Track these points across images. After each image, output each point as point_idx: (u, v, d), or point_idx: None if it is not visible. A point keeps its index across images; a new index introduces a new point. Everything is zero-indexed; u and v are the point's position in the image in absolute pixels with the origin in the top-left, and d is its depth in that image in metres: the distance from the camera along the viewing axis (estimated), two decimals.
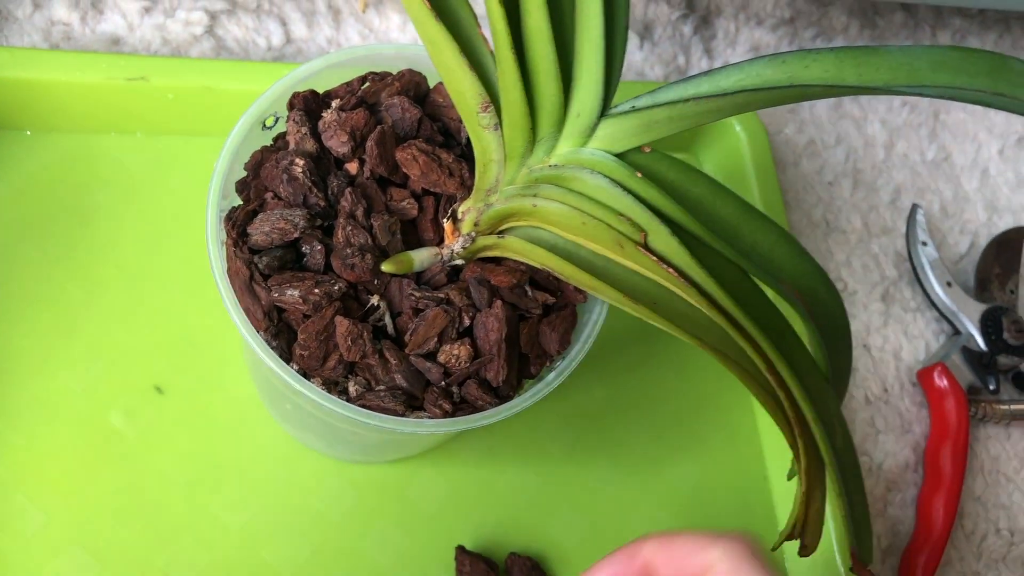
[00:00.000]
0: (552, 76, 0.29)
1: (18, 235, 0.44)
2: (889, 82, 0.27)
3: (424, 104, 0.36)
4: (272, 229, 0.32)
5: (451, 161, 0.34)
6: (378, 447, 0.42)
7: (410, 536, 0.44)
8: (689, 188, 0.31)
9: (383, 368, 0.32)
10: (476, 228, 0.33)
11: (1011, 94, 0.27)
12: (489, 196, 0.32)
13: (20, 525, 0.40)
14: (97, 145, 0.47)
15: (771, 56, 0.28)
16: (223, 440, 0.43)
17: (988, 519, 0.54)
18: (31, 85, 0.45)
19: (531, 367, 0.35)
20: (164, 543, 0.41)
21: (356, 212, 0.33)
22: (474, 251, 0.34)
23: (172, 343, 0.44)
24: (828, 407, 0.31)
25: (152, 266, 0.45)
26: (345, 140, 0.34)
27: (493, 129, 0.31)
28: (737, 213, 0.31)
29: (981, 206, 0.64)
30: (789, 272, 0.31)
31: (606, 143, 0.30)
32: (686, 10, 0.62)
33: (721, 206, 0.31)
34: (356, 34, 0.54)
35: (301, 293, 0.31)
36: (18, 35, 0.48)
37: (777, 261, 0.31)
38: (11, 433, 0.41)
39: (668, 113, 0.28)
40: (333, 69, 0.37)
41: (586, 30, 0.29)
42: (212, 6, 0.51)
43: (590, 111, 0.30)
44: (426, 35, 0.30)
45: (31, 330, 0.43)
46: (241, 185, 0.35)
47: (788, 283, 0.31)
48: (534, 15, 0.28)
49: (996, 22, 0.70)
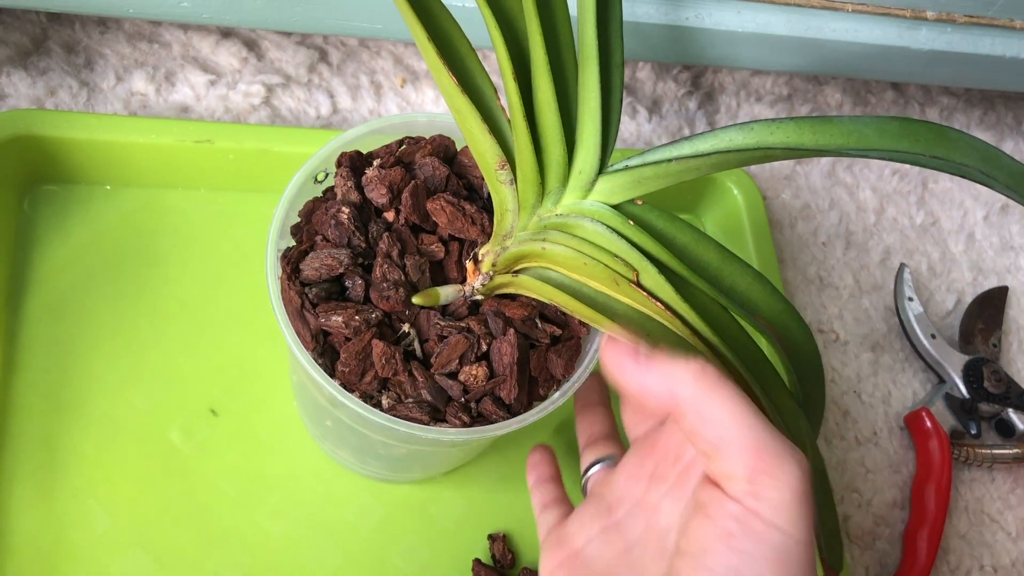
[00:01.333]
0: (558, 140, 0.34)
1: (97, 274, 0.50)
2: (841, 145, 0.31)
3: (452, 164, 0.42)
4: (321, 265, 0.37)
5: (474, 211, 0.40)
6: (405, 462, 0.47)
7: (432, 548, 0.49)
8: (676, 235, 0.35)
9: (412, 384, 0.37)
10: (494, 268, 0.37)
11: (946, 157, 0.31)
12: (505, 241, 0.37)
13: (89, 526, 0.45)
14: (166, 199, 0.53)
15: (741, 124, 0.33)
16: (268, 458, 0.49)
17: (973, 556, 0.58)
18: (112, 146, 0.51)
19: (540, 389, 0.40)
20: (214, 547, 0.46)
21: (392, 252, 0.38)
22: (492, 288, 0.38)
23: (226, 371, 0.50)
24: (799, 426, 0.35)
25: (210, 304, 0.51)
26: (384, 192, 0.39)
27: (509, 184, 0.35)
28: (718, 258, 0.35)
29: (967, 267, 0.68)
30: (764, 309, 0.35)
31: (604, 196, 0.34)
32: (691, 87, 0.68)
33: (703, 251, 0.35)
34: (395, 106, 0.61)
35: (344, 319, 0.36)
36: (103, 104, 0.56)
37: (753, 299, 0.35)
38: (84, 445, 0.46)
39: (655, 171, 0.32)
40: (375, 134, 0.43)
41: (586, 102, 0.34)
42: (269, 80, 0.58)
43: (590, 169, 0.34)
44: (454, 105, 0.34)
45: (104, 356, 0.49)
46: (295, 229, 0.40)
47: (762, 318, 0.35)
48: (543, 90, 0.33)
49: (981, 100, 0.75)
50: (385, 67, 0.62)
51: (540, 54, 0.32)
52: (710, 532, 0.29)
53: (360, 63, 0.61)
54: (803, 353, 0.36)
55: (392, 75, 0.62)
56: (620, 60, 0.35)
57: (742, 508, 0.28)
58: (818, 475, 0.35)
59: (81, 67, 0.56)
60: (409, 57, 0.62)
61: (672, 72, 0.68)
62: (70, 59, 0.56)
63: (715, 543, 0.28)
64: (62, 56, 0.56)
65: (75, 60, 0.57)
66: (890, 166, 0.70)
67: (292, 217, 0.41)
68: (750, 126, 0.33)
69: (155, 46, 0.58)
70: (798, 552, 0.28)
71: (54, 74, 0.55)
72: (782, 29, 0.55)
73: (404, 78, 0.62)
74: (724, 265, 0.35)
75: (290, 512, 0.48)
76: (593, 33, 0.32)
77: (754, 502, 0.28)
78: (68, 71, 0.56)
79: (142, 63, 0.58)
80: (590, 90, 0.33)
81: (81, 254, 0.51)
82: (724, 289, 0.35)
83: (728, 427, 0.29)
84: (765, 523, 0.28)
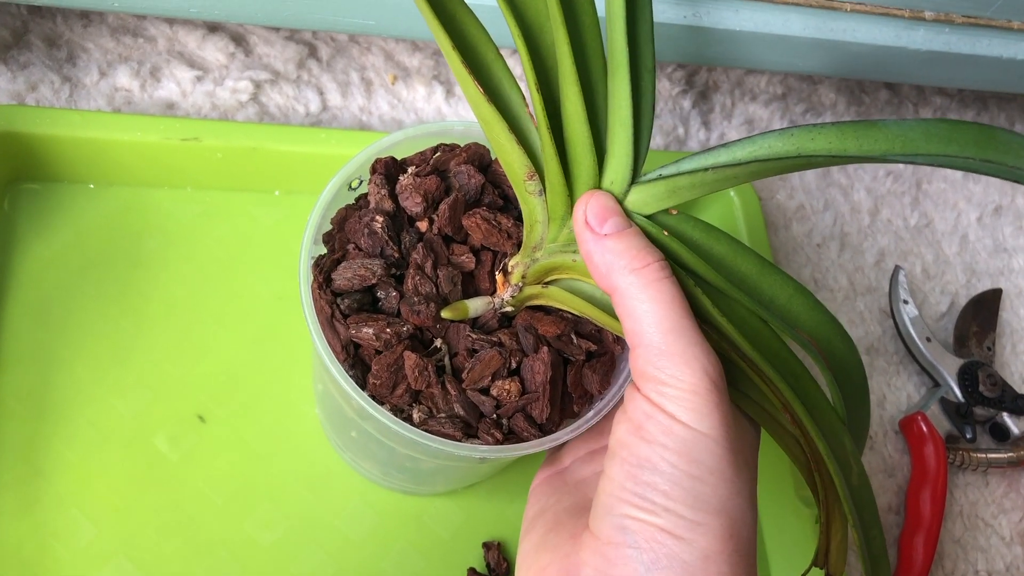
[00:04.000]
0: (587, 150, 0.32)
1: (80, 276, 0.49)
2: (887, 151, 0.29)
3: (487, 172, 0.40)
4: (354, 276, 0.36)
5: (510, 226, 0.38)
6: (431, 475, 0.46)
7: (424, 557, 0.48)
8: (712, 245, 0.34)
9: (444, 398, 0.36)
10: (523, 280, 0.36)
11: (997, 160, 0.29)
12: (535, 252, 0.35)
13: (73, 536, 0.44)
14: (152, 198, 0.52)
15: (781, 131, 0.31)
16: (256, 465, 0.47)
17: (967, 560, 0.58)
18: (95, 144, 0.49)
19: (574, 405, 0.38)
20: (201, 557, 0.45)
21: (425, 265, 0.37)
22: (522, 300, 0.37)
23: (214, 376, 0.49)
24: (843, 445, 0.33)
25: (197, 306, 0.50)
26: (419, 201, 0.37)
27: (538, 195, 0.34)
28: (756, 269, 0.34)
29: (960, 269, 0.68)
30: (805, 322, 0.34)
31: (637, 206, 0.33)
32: (686, 86, 0.67)
33: (741, 262, 0.34)
34: (386, 104, 0.60)
35: (375, 331, 0.35)
36: (86, 100, 0.54)
37: (794, 312, 0.34)
38: (68, 453, 0.45)
39: (691, 180, 0.31)
40: (410, 140, 0.41)
41: (617, 111, 0.32)
42: (257, 76, 0.57)
43: (622, 179, 0.33)
44: (480, 115, 0.33)
45: (88, 360, 0.47)
46: (327, 237, 0.39)
47: (804, 331, 0.34)
48: (571, 100, 0.31)
49: (974, 100, 0.75)
50: (376, 63, 0.61)
51: (568, 63, 0.31)
52: (625, 427, 0.30)
53: (350, 59, 0.60)
54: (847, 367, 0.35)
55: (383, 72, 0.60)
56: (652, 64, 0.33)
57: (649, 403, 0.29)
58: (863, 493, 0.33)
59: (63, 62, 0.55)
60: (400, 53, 0.61)
61: (666, 71, 0.67)
62: (52, 53, 0.55)
63: (628, 436, 0.30)
64: (43, 50, 0.55)
65: (57, 54, 0.55)
66: (884, 167, 0.70)
67: (325, 225, 0.39)
68: (790, 132, 0.31)
69: (140, 40, 0.57)
70: (707, 446, 0.29)
71: (35, 69, 0.54)
72: (779, 28, 0.54)
73: (395, 75, 0.61)
74: (763, 277, 0.34)
75: (280, 521, 0.47)
76: (623, 37, 0.31)
77: (659, 397, 0.29)
78: (50, 66, 0.54)
79: (126, 58, 0.56)
80: (621, 98, 0.32)
81: (64, 255, 0.49)
82: (764, 302, 0.34)
83: (645, 325, 0.30)
84: (669, 417, 0.29)
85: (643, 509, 0.29)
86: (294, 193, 0.54)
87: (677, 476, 0.29)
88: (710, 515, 0.29)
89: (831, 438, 0.32)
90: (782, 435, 0.33)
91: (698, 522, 0.29)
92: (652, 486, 0.29)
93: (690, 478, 0.29)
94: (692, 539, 0.28)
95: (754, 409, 0.33)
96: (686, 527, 0.29)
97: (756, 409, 0.33)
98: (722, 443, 0.29)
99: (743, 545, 0.30)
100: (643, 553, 0.29)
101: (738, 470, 0.29)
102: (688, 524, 0.29)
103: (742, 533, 0.29)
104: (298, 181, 0.53)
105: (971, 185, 0.71)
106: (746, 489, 0.30)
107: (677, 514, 0.29)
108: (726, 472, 0.29)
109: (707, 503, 0.29)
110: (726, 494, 0.29)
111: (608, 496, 0.30)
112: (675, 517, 0.29)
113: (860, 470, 0.33)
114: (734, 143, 0.32)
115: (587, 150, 0.32)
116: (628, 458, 0.30)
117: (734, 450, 0.29)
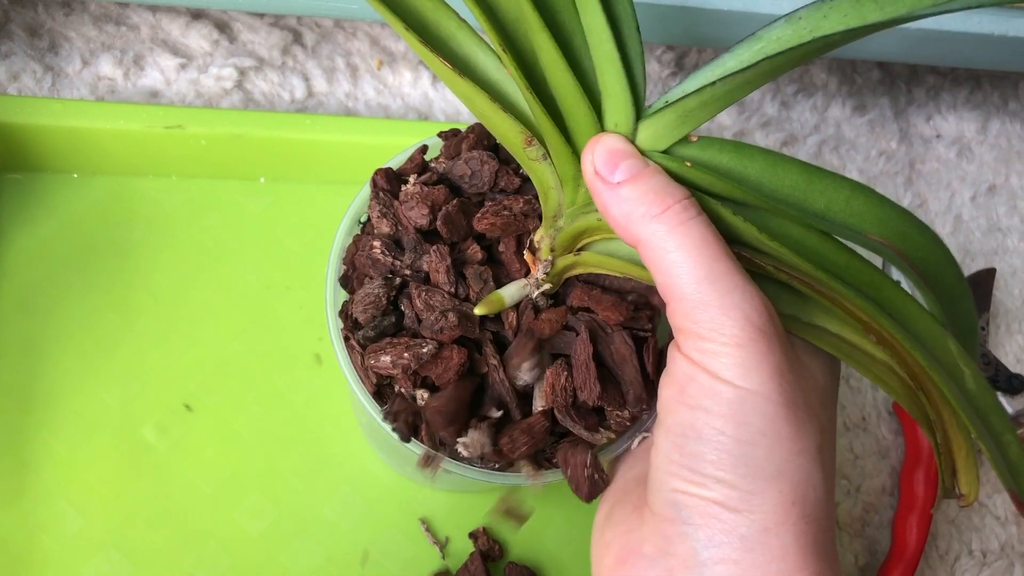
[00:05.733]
0: (578, 98, 0.29)
1: (65, 267, 0.49)
2: (913, 9, 0.26)
3: (498, 151, 0.37)
4: (365, 308, 0.34)
5: (521, 206, 0.35)
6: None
7: (416, 545, 0.47)
8: (746, 165, 0.30)
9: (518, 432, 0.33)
10: (553, 252, 0.33)
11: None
12: (556, 221, 0.33)
13: (61, 527, 0.44)
14: (136, 187, 0.51)
15: (787, 16, 0.28)
16: (245, 454, 0.47)
17: (962, 541, 0.57)
18: (79, 133, 0.49)
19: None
20: (190, 546, 0.45)
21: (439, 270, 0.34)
22: (557, 273, 0.34)
23: (201, 366, 0.48)
24: (948, 351, 0.30)
25: (184, 296, 0.50)
26: (426, 212, 0.35)
27: (543, 159, 0.31)
28: (803, 178, 0.30)
29: (955, 249, 0.68)
30: (872, 223, 0.30)
31: (650, 143, 0.29)
32: (675, 68, 0.67)
33: (783, 175, 0.30)
34: (372, 89, 0.59)
35: (392, 359, 0.33)
36: (68, 89, 0.54)
37: (857, 214, 0.30)
38: (55, 444, 0.45)
39: (700, 99, 0.28)
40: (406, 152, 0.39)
41: (598, 46, 0.29)
42: (241, 63, 0.57)
43: (626, 118, 0.29)
44: (459, 92, 0.31)
45: (75, 351, 0.47)
46: (344, 280, 0.37)
47: (874, 234, 0.29)
48: (545, 49, 0.29)
49: (967, 79, 0.74)
50: (361, 49, 0.60)
51: (528, 8, 0.28)
52: (669, 391, 0.28)
53: (335, 45, 0.60)
54: (933, 263, 0.31)
55: (369, 57, 0.60)
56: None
57: (690, 362, 0.27)
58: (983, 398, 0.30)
59: (45, 51, 0.54)
60: (386, 38, 0.61)
61: (656, 53, 0.66)
62: (33, 42, 0.54)
63: (672, 402, 0.27)
64: (25, 39, 0.54)
65: (39, 43, 0.54)
66: (876, 147, 0.69)
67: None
68: (797, 15, 0.28)
69: (122, 28, 0.56)
70: (757, 405, 0.26)
71: (17, 58, 0.53)
72: (769, 8, 0.54)
73: (381, 60, 0.60)
74: (812, 184, 0.30)
75: (268, 510, 0.46)
76: None
77: (699, 355, 0.27)
78: (32, 55, 0.54)
79: (109, 46, 0.56)
80: (599, 31, 0.28)
81: (48, 245, 0.49)
82: (818, 213, 0.29)
83: (675, 276, 0.27)
84: (712, 376, 0.26)
85: (693, 482, 0.27)
86: (280, 180, 0.53)
87: (725, 443, 0.26)
88: (766, 482, 0.26)
89: (931, 346, 0.29)
90: (870, 364, 0.30)
91: (753, 491, 0.26)
92: (699, 456, 0.26)
93: (740, 443, 0.26)
94: (749, 511, 0.26)
95: (832, 342, 0.30)
96: (740, 498, 0.26)
97: (835, 342, 0.30)
98: (774, 399, 0.26)
99: (812, 510, 0.27)
100: (698, 530, 0.26)
101: (799, 426, 0.27)
102: (742, 495, 0.26)
103: (809, 497, 0.27)
104: (284, 168, 0.53)
105: (965, 165, 0.71)
106: (810, 446, 0.27)
107: (729, 485, 0.26)
108: (782, 431, 0.26)
109: (761, 469, 0.26)
110: (784, 456, 0.26)
111: (657, 469, 0.28)
112: (727, 488, 0.26)
113: (975, 372, 0.29)
114: (736, 47, 0.28)
115: (578, 98, 0.29)
116: (673, 427, 0.27)
117: (792, 403, 0.26)
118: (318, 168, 0.53)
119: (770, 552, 0.26)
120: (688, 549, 0.27)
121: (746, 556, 0.26)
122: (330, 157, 0.52)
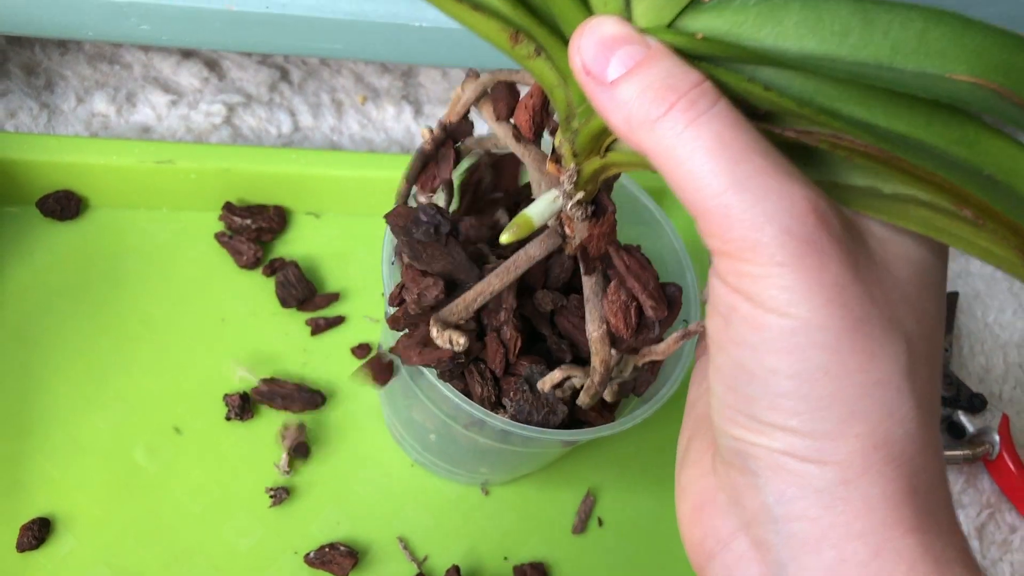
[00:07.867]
0: None
1: (60, 296, 0.51)
2: None
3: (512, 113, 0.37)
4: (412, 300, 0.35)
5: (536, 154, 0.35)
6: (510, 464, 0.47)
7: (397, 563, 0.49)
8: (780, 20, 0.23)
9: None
10: (576, 158, 0.31)
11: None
12: (571, 123, 0.30)
13: (54, 547, 0.45)
14: (128, 218, 0.53)
15: None
16: (232, 475, 0.49)
17: None
18: (73, 168, 0.51)
19: None
20: (180, 564, 0.46)
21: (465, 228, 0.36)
22: (585, 179, 0.31)
23: (189, 390, 0.50)
24: None
25: (173, 323, 0.52)
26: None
27: (537, 55, 0.28)
28: (856, 18, 0.23)
29: None
30: (959, 59, 0.23)
31: (649, 18, 0.24)
32: None
33: (830, 22, 0.23)
34: (356, 124, 0.62)
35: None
36: (63, 125, 0.56)
37: (936, 52, 0.23)
38: (49, 467, 0.47)
39: None
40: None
41: None
42: (230, 100, 0.59)
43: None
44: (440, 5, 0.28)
45: (67, 377, 0.49)
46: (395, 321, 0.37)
47: (962, 73, 0.23)
48: None
49: None
50: (346, 85, 0.62)
51: None
52: (714, 323, 0.23)
53: (321, 81, 0.62)
54: None
55: (353, 93, 0.62)
56: None
57: (729, 289, 0.22)
58: None
59: (41, 89, 0.57)
60: (370, 75, 0.63)
61: None
62: (30, 81, 0.57)
63: (718, 336, 0.23)
64: (22, 78, 0.56)
65: (35, 82, 0.57)
66: None
67: None
68: None
69: (116, 67, 0.59)
70: (812, 335, 0.21)
71: (14, 96, 0.55)
72: None
73: (365, 96, 0.62)
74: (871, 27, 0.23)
75: (255, 527, 0.48)
76: None
77: (737, 280, 0.22)
78: (28, 93, 0.56)
79: (103, 84, 0.58)
80: None
81: (43, 276, 0.51)
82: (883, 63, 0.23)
83: (695, 189, 0.22)
84: (755, 305, 0.22)
85: (751, 430, 0.23)
86: None
87: (780, 384, 0.22)
88: (838, 426, 0.22)
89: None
90: (974, 237, 0.23)
91: (823, 438, 0.22)
92: (755, 400, 0.22)
93: (798, 382, 0.22)
94: (821, 461, 0.22)
95: (923, 217, 0.23)
96: (809, 448, 0.22)
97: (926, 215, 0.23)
98: (833, 325, 0.21)
99: (901, 450, 0.22)
100: (768, 483, 0.23)
101: (871, 351, 0.22)
102: (811, 444, 0.22)
103: (894, 436, 0.22)
104: (271, 200, 0.55)
105: None
106: (891, 372, 0.22)
107: (793, 432, 0.22)
108: (848, 363, 0.21)
109: (829, 412, 0.22)
110: (855, 393, 0.21)
111: (715, 412, 0.24)
112: (792, 436, 0.22)
113: None
114: None
115: None
116: (723, 366, 0.23)
117: (858, 325, 0.21)
118: (304, 200, 0.55)
119: (852, 508, 0.22)
120: (760, 504, 0.23)
121: (825, 513, 0.22)
122: (316, 189, 0.55)
